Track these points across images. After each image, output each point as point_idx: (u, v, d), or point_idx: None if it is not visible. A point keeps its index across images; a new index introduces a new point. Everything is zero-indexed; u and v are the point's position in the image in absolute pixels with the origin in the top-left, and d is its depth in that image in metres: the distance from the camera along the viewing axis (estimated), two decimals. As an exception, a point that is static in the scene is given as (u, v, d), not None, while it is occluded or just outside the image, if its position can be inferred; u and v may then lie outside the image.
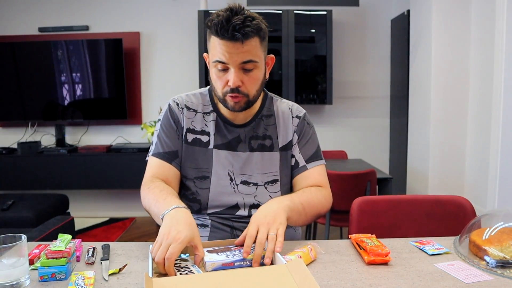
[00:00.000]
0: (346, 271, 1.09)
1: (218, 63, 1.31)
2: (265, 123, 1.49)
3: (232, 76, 1.30)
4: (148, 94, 4.75)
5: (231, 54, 1.27)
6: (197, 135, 1.46)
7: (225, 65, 1.30)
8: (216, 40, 1.28)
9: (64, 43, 4.47)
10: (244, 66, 1.31)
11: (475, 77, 3.59)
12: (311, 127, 1.53)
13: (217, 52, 1.29)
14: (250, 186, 1.44)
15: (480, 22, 3.47)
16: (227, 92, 1.34)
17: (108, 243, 1.27)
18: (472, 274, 1.05)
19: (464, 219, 1.53)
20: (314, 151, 1.50)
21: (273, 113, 1.51)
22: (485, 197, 3.38)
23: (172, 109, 1.48)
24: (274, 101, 1.54)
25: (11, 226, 3.27)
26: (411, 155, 4.21)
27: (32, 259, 1.12)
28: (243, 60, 1.29)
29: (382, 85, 4.81)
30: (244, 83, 1.33)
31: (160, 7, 4.64)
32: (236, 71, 1.30)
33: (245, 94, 1.35)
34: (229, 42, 1.26)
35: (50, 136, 4.69)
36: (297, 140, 1.49)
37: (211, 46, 1.33)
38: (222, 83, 1.34)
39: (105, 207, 4.77)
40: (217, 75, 1.34)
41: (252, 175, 1.45)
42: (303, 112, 1.54)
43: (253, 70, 1.33)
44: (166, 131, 1.47)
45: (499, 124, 3.20)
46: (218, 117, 1.48)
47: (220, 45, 1.28)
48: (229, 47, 1.27)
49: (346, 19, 4.70)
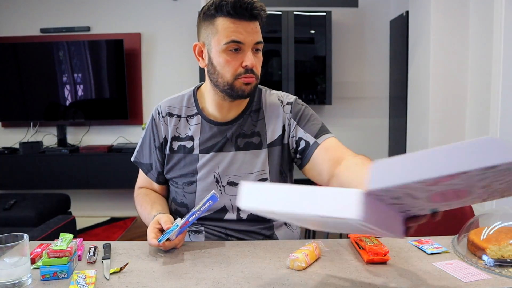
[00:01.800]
0: (346, 270, 1.10)
1: (233, 43, 1.25)
2: (253, 119, 1.43)
3: (250, 56, 1.26)
4: (149, 95, 4.77)
5: (247, 34, 1.24)
6: (181, 141, 1.43)
7: (239, 45, 1.25)
8: (229, 20, 1.24)
9: (65, 44, 4.49)
10: (255, 47, 1.28)
11: (473, 78, 3.58)
12: (305, 107, 1.46)
13: (230, 32, 1.24)
14: (237, 187, 1.31)
15: (478, 24, 3.47)
16: (241, 74, 1.28)
17: (109, 242, 1.27)
18: (471, 273, 1.06)
19: (462, 219, 1.53)
20: (320, 126, 1.40)
21: (261, 107, 1.44)
22: None
23: (154, 119, 1.48)
24: (263, 93, 1.48)
25: (13, 225, 3.30)
26: None
27: (34, 258, 1.13)
28: (256, 40, 1.27)
29: (381, 86, 4.82)
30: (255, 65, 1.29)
31: (161, 8, 4.66)
32: (251, 52, 1.27)
33: (257, 75, 1.31)
34: (245, 21, 1.24)
35: (51, 136, 4.71)
36: (295, 124, 1.40)
37: (221, 29, 1.26)
38: (235, 65, 1.27)
39: (106, 207, 4.78)
40: (229, 57, 1.27)
41: (239, 175, 1.39)
42: (293, 98, 1.47)
43: (260, 52, 1.31)
44: (146, 142, 1.50)
45: (497, 124, 3.19)
46: (202, 119, 1.42)
47: (234, 25, 1.24)
48: (244, 27, 1.24)
49: (345, 20, 4.71)
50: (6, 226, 3.27)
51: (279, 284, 1.01)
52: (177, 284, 1.03)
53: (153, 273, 1.09)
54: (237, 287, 1.01)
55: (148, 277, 1.06)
